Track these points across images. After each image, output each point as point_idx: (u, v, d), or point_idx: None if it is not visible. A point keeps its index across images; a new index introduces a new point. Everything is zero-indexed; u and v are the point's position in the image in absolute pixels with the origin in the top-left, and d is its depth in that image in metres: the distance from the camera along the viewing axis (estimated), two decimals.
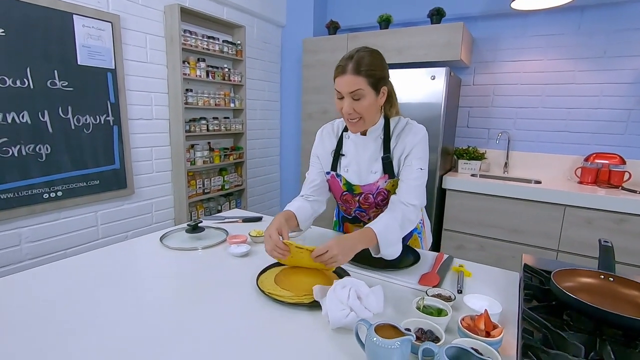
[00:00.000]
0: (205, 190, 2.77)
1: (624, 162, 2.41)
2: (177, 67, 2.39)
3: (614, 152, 2.47)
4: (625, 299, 0.82)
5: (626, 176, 2.37)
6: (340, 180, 1.23)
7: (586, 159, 2.53)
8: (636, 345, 0.68)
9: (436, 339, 0.71)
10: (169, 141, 2.55)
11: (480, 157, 2.83)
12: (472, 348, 0.61)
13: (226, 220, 1.51)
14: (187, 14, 2.47)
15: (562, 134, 2.67)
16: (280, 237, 0.99)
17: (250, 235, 1.27)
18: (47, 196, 1.92)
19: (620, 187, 2.34)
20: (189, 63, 2.49)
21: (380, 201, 1.20)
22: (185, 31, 2.45)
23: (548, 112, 2.69)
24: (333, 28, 3.09)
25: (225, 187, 2.93)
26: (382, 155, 1.16)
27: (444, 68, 2.39)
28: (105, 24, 2.06)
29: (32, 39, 1.78)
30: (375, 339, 0.62)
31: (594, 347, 0.69)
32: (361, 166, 1.19)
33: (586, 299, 0.76)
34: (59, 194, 1.97)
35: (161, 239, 1.26)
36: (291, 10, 3.38)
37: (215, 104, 2.73)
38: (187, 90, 2.53)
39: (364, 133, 1.18)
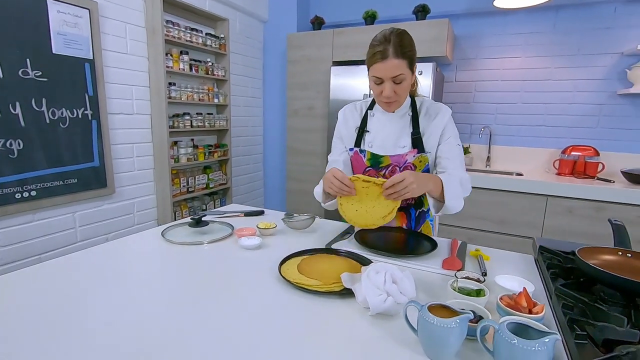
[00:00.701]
0: (190, 189, 2.65)
1: (597, 154, 2.55)
2: (160, 60, 2.27)
3: (588, 145, 2.61)
4: None
5: (600, 167, 2.51)
6: (364, 155, 1.21)
7: (563, 152, 2.65)
8: None
9: (480, 319, 0.69)
10: (151, 137, 2.42)
11: (464, 151, 2.90)
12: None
13: (226, 215, 1.44)
14: (169, 4, 2.36)
15: (540, 128, 2.79)
16: None
17: (259, 228, 1.22)
18: (20, 196, 1.75)
19: (595, 178, 2.47)
20: (171, 55, 2.38)
21: None
22: (167, 22, 2.34)
23: (527, 108, 2.80)
24: (318, 24, 3.07)
25: (210, 186, 2.82)
26: (411, 131, 1.17)
27: (431, 63, 2.43)
28: (83, 11, 1.92)
29: (2, 25, 1.62)
30: (431, 319, 0.59)
31: (629, 318, 0.70)
32: (387, 141, 1.20)
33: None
34: (33, 193, 1.80)
35: (163, 233, 1.17)
36: (274, 5, 3.32)
37: (199, 99, 2.63)
38: (170, 83, 2.41)
39: (392, 111, 1.20)
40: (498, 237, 2.50)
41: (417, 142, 1.17)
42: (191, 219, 1.21)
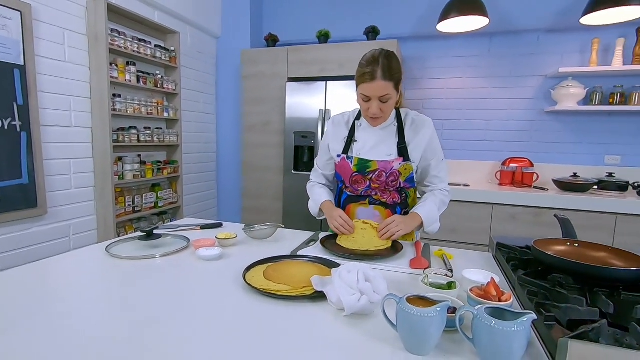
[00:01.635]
0: (136, 208, 2.45)
1: (532, 165, 2.80)
2: (103, 69, 2.12)
3: (524, 157, 2.86)
4: (595, 259, 0.91)
5: (535, 177, 2.75)
6: (352, 162, 1.26)
7: (503, 164, 2.88)
8: (620, 293, 0.75)
9: (454, 310, 0.69)
10: (91, 152, 2.21)
11: None
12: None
13: (180, 228, 1.34)
14: (115, 13, 2.24)
15: (482, 142, 3.01)
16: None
17: (218, 239, 1.14)
18: None
19: (532, 186, 2.70)
20: (117, 66, 2.24)
21: (390, 182, 1.25)
22: (112, 30, 2.21)
23: (470, 124, 3.02)
24: (272, 41, 3.09)
25: (159, 205, 2.63)
26: (397, 141, 1.24)
27: None
28: (13, 12, 1.75)
29: None
30: (411, 310, 0.57)
31: (587, 299, 0.74)
32: (375, 149, 1.26)
33: None
34: None
35: (107, 249, 1.04)
36: (227, 21, 3.30)
37: (148, 113, 2.48)
38: (114, 95, 2.25)
39: None
40: (451, 245, 2.60)
41: (402, 151, 1.24)
42: (141, 231, 1.10)
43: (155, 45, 2.53)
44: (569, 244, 0.97)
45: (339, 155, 1.29)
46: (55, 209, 2.01)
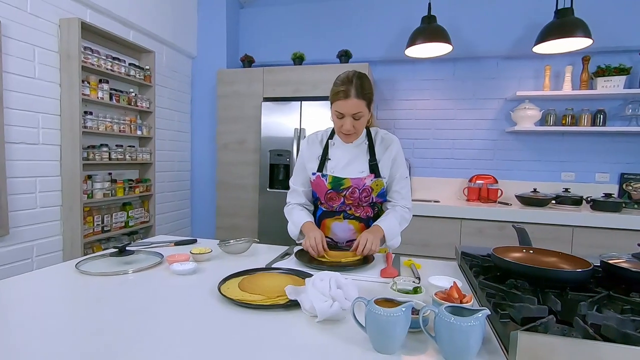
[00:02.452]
0: (105, 228, 2.38)
1: (496, 182, 2.97)
2: (75, 87, 2.10)
3: (489, 174, 3.02)
4: (548, 264, 0.99)
5: (499, 193, 2.91)
6: (326, 179, 1.30)
7: (470, 180, 3.03)
8: (567, 293, 0.83)
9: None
10: (59, 171, 2.15)
11: None
12: None
13: (154, 245, 1.32)
14: (89, 32, 2.24)
15: (450, 160, 3.16)
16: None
17: (193, 254, 1.14)
18: None
19: (497, 202, 2.85)
20: (89, 83, 2.22)
21: (363, 197, 1.30)
22: (85, 48, 2.20)
23: (438, 143, 3.18)
24: (248, 62, 3.17)
25: (130, 224, 2.57)
26: (368, 158, 1.31)
27: None
28: None
29: None
30: (378, 310, 0.61)
31: (539, 299, 0.81)
32: (348, 166, 1.31)
33: None
34: None
35: (77, 266, 1.02)
36: (202, 42, 3.36)
37: (120, 130, 2.45)
38: (86, 112, 2.22)
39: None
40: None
41: (374, 168, 1.30)
42: (113, 247, 1.09)
43: (130, 64, 2.54)
44: (524, 250, 1.05)
45: (314, 174, 1.33)
46: (17, 230, 1.93)
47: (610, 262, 0.91)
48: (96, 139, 2.38)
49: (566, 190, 2.75)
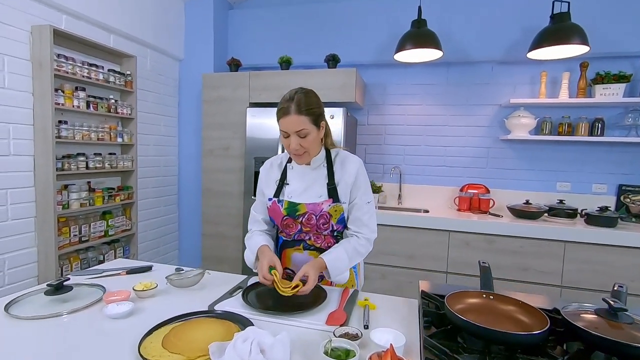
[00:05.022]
0: (83, 238, 2.35)
1: (488, 191, 2.86)
2: (47, 96, 2.05)
3: (480, 183, 2.92)
4: (505, 314, 0.91)
5: (491, 203, 2.81)
6: (282, 205, 1.24)
7: (461, 189, 2.93)
8: (517, 357, 0.75)
9: None
10: (33, 181, 2.12)
11: (377, 190, 3.05)
12: None
13: (104, 274, 1.27)
14: (64, 38, 2.18)
15: (441, 168, 3.06)
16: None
17: (135, 290, 1.08)
18: None
19: (487, 213, 2.75)
20: (63, 92, 2.17)
21: (321, 224, 1.23)
22: (59, 56, 2.14)
23: (429, 150, 3.07)
24: (234, 65, 3.09)
25: (110, 233, 2.53)
26: (327, 182, 1.24)
27: (342, 108, 2.57)
28: None
29: None
30: None
31: None
32: (306, 191, 1.24)
33: (474, 318, 0.82)
34: None
35: (6, 307, 0.97)
36: (189, 44, 3.28)
37: (98, 139, 2.40)
38: (60, 122, 2.18)
39: (307, 163, 1.26)
40: (407, 272, 2.61)
41: (332, 192, 1.23)
42: (47, 284, 1.04)
43: (109, 70, 2.48)
44: (484, 295, 0.97)
45: (270, 199, 1.27)
46: None
47: (569, 319, 0.83)
48: (73, 148, 2.34)
49: (561, 201, 2.64)
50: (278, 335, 0.80)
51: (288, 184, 1.28)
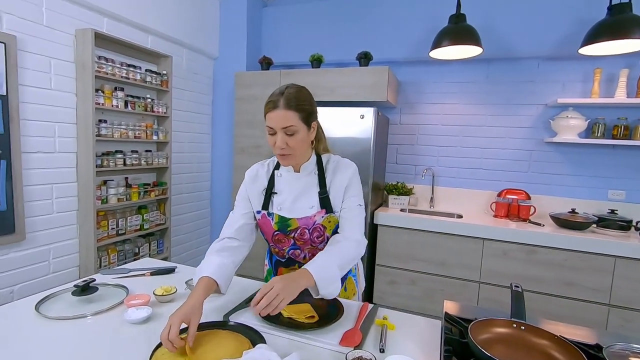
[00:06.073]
0: (120, 232, 2.47)
1: (529, 198, 2.67)
2: (89, 96, 2.16)
3: (520, 189, 2.73)
4: (537, 348, 0.83)
5: (532, 210, 2.61)
6: (272, 219, 1.16)
7: (499, 195, 2.75)
8: None
9: None
10: (75, 177, 2.25)
11: (408, 192, 2.95)
12: None
13: (130, 273, 1.32)
14: (105, 40, 2.28)
15: (478, 170, 2.90)
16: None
17: (155, 295, 1.10)
18: None
19: (527, 221, 2.56)
20: (103, 92, 2.27)
21: (315, 237, 1.16)
22: (100, 57, 2.24)
23: (466, 151, 2.92)
24: (266, 64, 3.09)
25: (145, 227, 2.65)
26: (318, 190, 1.15)
27: (372, 108, 2.49)
28: None
29: None
30: None
31: None
32: (296, 202, 1.16)
33: (502, 351, 0.75)
34: None
35: (37, 306, 1.03)
36: (224, 42, 3.33)
37: (135, 136, 2.51)
38: (100, 121, 2.29)
39: (297, 170, 1.17)
40: (439, 279, 2.50)
41: (325, 202, 1.14)
42: (75, 285, 1.08)
43: (147, 70, 2.57)
44: (514, 325, 0.89)
45: (259, 212, 1.19)
46: (33, 235, 2.04)
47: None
48: (112, 146, 2.45)
49: (612, 211, 2.41)
50: (289, 355, 0.77)
51: (276, 194, 1.18)
